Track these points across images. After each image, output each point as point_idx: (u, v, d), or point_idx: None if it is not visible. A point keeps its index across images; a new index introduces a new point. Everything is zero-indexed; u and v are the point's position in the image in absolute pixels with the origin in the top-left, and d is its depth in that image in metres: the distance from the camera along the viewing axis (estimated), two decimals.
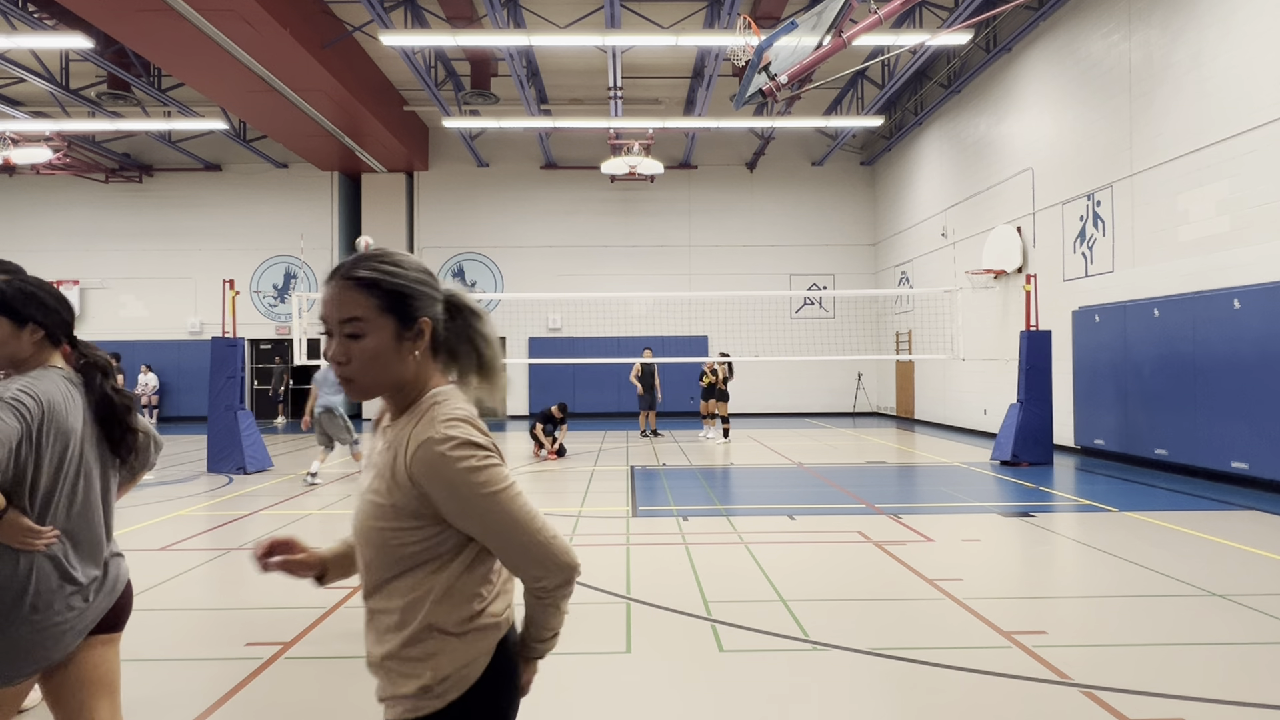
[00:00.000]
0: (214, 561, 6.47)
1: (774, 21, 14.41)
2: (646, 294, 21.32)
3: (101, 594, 2.30)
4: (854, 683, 3.94)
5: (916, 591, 5.42)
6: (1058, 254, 13.94)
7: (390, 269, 1.58)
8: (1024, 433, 11.86)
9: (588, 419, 21.52)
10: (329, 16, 15.27)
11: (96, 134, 20.49)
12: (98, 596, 2.29)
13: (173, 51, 13.86)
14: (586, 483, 10.57)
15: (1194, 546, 6.63)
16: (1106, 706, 3.57)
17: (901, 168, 21.55)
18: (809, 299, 23.69)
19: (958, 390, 18.05)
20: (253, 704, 3.73)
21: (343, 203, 23.49)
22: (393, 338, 1.56)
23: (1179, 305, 10.62)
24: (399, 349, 1.57)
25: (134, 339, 22.59)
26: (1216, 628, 4.64)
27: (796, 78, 8.06)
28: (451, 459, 1.49)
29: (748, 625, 4.72)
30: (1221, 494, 9.20)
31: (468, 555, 1.59)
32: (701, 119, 18.29)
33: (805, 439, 16.39)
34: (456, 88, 18.45)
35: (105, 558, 2.33)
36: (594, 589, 5.52)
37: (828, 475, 11.13)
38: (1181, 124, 10.81)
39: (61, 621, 2.19)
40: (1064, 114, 13.70)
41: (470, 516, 1.53)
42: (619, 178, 21.12)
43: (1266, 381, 9.11)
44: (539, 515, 1.56)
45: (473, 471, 1.50)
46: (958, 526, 7.54)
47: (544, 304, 23.15)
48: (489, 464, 1.52)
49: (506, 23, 14.03)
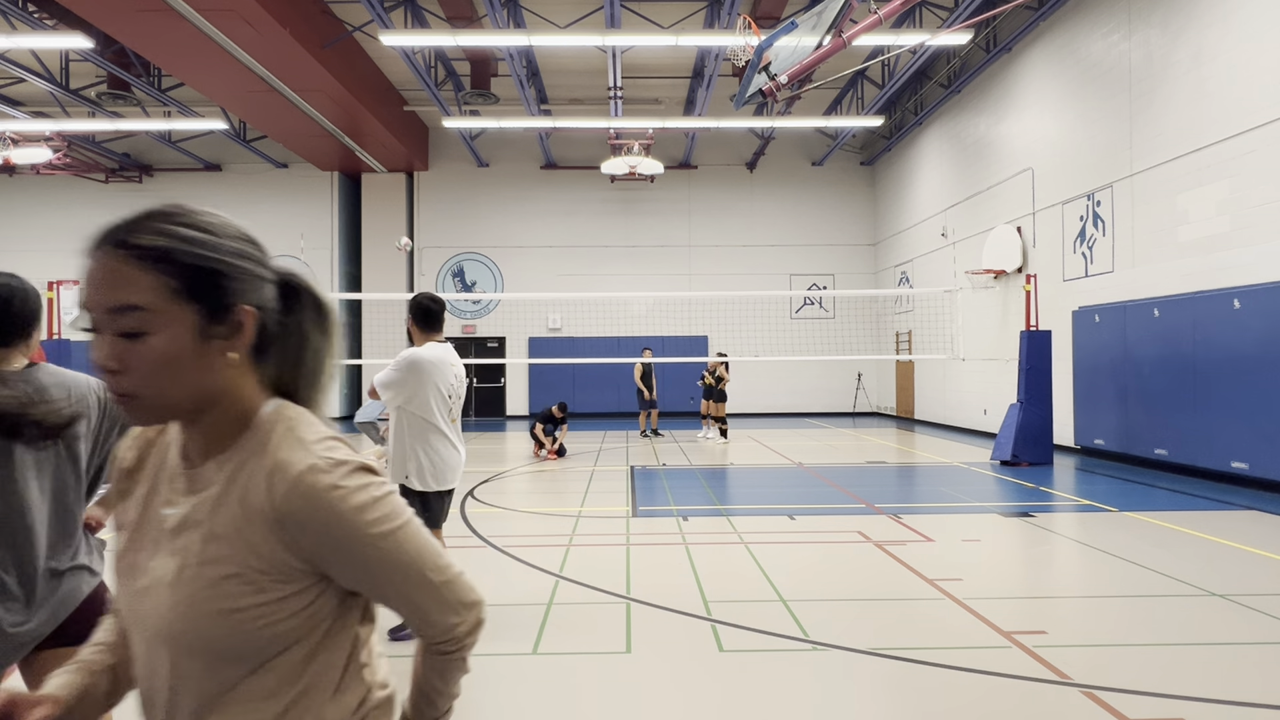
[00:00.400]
0: None
1: (774, 21, 14.41)
2: (646, 294, 21.33)
3: (37, 609, 2.14)
4: (854, 683, 3.94)
5: (916, 591, 5.42)
6: (1058, 254, 13.94)
7: (190, 233, 1.09)
8: (1024, 433, 11.86)
9: (588, 419, 21.52)
10: (329, 16, 15.27)
11: (96, 134, 20.49)
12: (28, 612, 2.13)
13: (173, 51, 13.86)
14: (586, 483, 10.57)
15: (1194, 546, 6.63)
16: (1106, 706, 3.57)
17: (901, 168, 21.54)
18: (809, 299, 23.69)
19: (958, 390, 18.05)
20: None
21: (343, 203, 23.49)
22: (194, 335, 1.08)
23: (1179, 305, 10.62)
24: (203, 351, 1.09)
25: None
26: (1216, 628, 4.64)
27: (796, 78, 8.05)
28: (345, 490, 1.09)
29: (748, 625, 4.72)
30: (1221, 494, 9.20)
31: (351, 617, 1.19)
32: (701, 119, 18.29)
33: (805, 439, 16.39)
34: (456, 88, 18.45)
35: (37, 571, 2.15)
36: (594, 589, 5.52)
37: (828, 475, 11.13)
38: (1181, 124, 10.81)
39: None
40: (1064, 114, 13.70)
41: (366, 563, 1.12)
42: (619, 178, 21.13)
43: (1266, 381, 9.11)
44: (441, 547, 1.21)
45: (373, 504, 1.11)
46: (958, 526, 7.54)
47: (544, 304, 23.15)
48: (386, 493, 1.14)
49: (506, 23, 14.03)
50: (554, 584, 5.67)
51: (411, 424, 4.47)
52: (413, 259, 23.62)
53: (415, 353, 4.51)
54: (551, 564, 6.22)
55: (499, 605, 5.25)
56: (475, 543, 7.06)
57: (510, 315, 23.34)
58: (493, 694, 3.83)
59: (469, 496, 9.45)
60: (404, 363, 4.46)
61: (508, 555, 6.54)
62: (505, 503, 9.14)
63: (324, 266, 23.10)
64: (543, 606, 5.15)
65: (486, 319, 23.48)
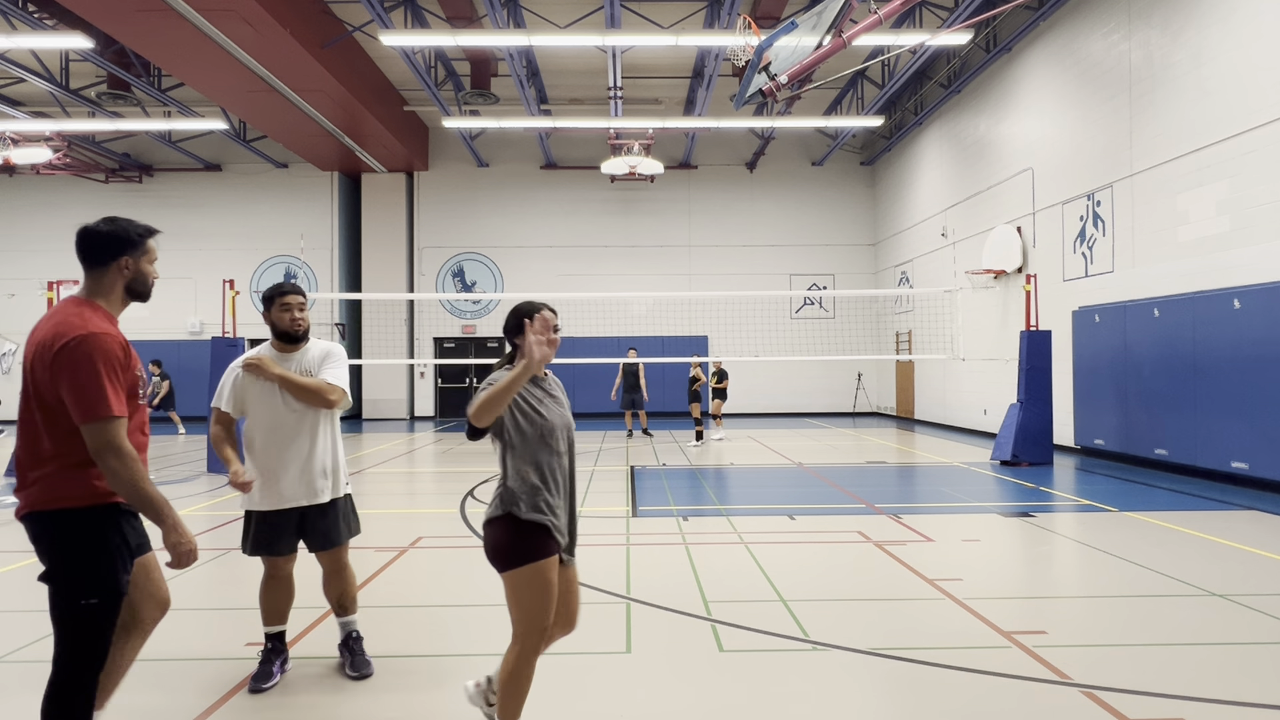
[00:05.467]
0: (214, 561, 6.47)
1: (774, 21, 14.41)
2: (646, 294, 21.32)
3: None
4: (854, 683, 3.94)
5: (916, 591, 5.42)
6: (1058, 254, 13.94)
7: None
8: (1024, 433, 11.86)
9: (588, 419, 21.51)
10: (329, 16, 15.27)
11: (96, 134, 20.49)
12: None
13: (173, 51, 13.86)
14: (586, 483, 10.57)
15: (1194, 546, 6.63)
16: (1106, 706, 3.57)
17: (901, 168, 21.54)
18: (809, 299, 23.69)
19: (958, 390, 18.05)
20: (253, 704, 3.73)
21: (343, 203, 23.49)
22: None
23: (1179, 305, 10.62)
24: None
25: (134, 339, 22.05)
26: (1216, 628, 4.64)
27: (796, 78, 8.05)
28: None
29: (748, 625, 4.72)
30: (1221, 494, 9.20)
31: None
32: (701, 119, 18.29)
33: (805, 439, 16.38)
34: (456, 88, 18.45)
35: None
36: (594, 589, 5.52)
37: (828, 475, 11.13)
38: (1181, 124, 10.81)
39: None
40: (1064, 114, 13.70)
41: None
42: (619, 178, 21.12)
43: (1266, 381, 9.11)
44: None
45: None
46: (958, 526, 7.54)
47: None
48: None
49: (506, 23, 14.03)
50: None
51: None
52: (413, 258, 23.63)
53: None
54: None
55: (499, 605, 5.25)
56: (475, 543, 7.06)
57: None
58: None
59: (469, 496, 9.45)
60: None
61: None
62: None
63: (324, 266, 23.10)
64: None
65: (486, 319, 23.48)
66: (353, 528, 4.17)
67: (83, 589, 2.67)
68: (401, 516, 8.42)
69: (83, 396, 2.59)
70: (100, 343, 2.63)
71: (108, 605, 2.72)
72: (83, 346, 2.60)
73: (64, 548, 2.69)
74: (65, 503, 2.68)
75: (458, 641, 4.61)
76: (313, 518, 3.99)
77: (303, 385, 3.90)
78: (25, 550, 6.95)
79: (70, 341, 2.61)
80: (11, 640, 4.60)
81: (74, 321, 2.66)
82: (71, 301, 2.78)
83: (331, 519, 4.04)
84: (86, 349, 2.61)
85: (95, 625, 2.70)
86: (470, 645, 4.51)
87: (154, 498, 2.68)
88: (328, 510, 4.03)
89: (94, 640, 2.71)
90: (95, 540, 2.70)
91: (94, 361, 2.60)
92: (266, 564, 3.99)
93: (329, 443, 4.04)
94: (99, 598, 2.69)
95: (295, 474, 3.92)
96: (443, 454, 14.48)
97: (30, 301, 22.29)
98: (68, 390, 2.60)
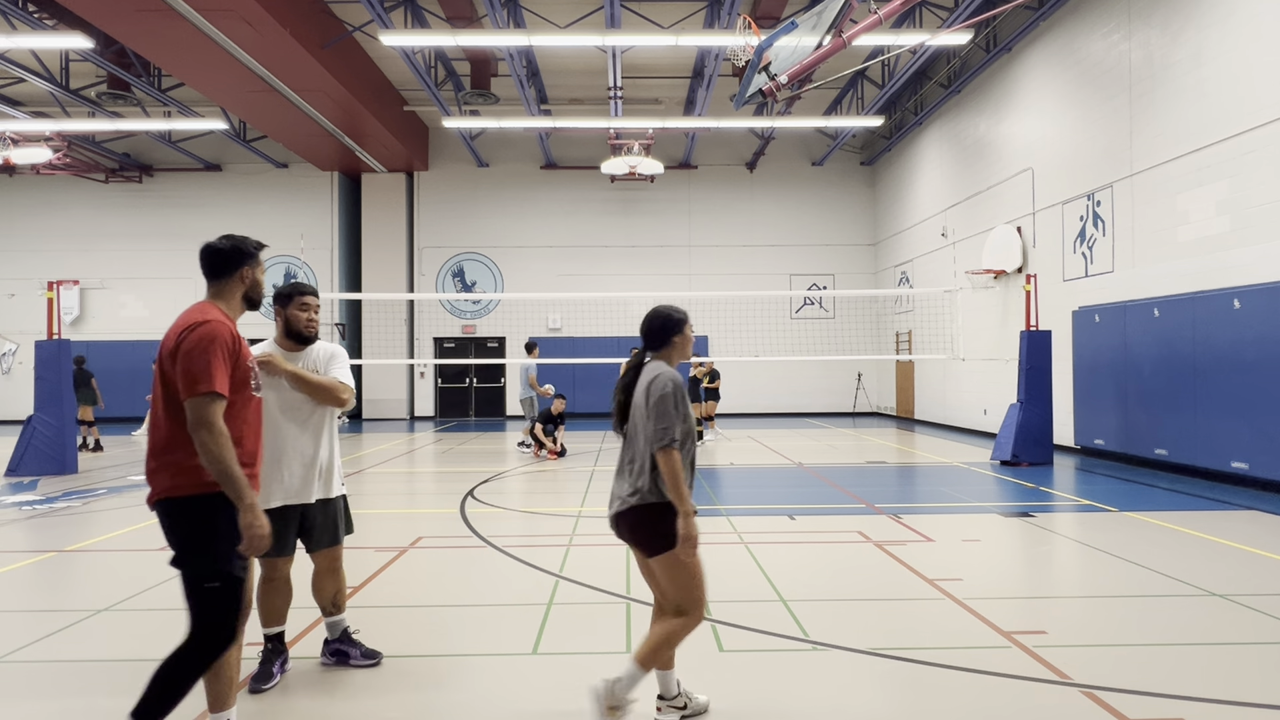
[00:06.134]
0: None
1: (774, 21, 14.41)
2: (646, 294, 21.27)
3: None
4: (854, 683, 3.94)
5: (916, 591, 5.42)
6: (1058, 254, 13.94)
7: None
8: (1024, 433, 11.86)
9: (588, 419, 21.52)
10: (329, 16, 15.27)
11: (96, 134, 20.49)
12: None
13: (173, 51, 13.86)
14: (587, 483, 10.57)
15: (1194, 546, 6.63)
16: (1106, 706, 3.57)
17: (901, 168, 21.54)
18: (809, 299, 23.70)
19: (958, 390, 18.05)
20: (253, 704, 3.73)
21: (343, 203, 23.49)
22: None
23: (1179, 305, 10.62)
24: None
25: (134, 339, 22.59)
26: (1216, 628, 4.64)
27: (796, 78, 8.05)
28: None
29: (748, 625, 4.72)
30: (1221, 494, 9.20)
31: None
32: (701, 119, 18.29)
33: (805, 439, 16.38)
34: (456, 88, 18.45)
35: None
36: (594, 589, 5.52)
37: (828, 475, 11.13)
38: (1181, 124, 10.81)
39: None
40: (1064, 114, 13.70)
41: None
42: (619, 178, 21.12)
43: (1266, 381, 9.11)
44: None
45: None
46: (958, 526, 7.54)
47: (544, 304, 23.15)
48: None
49: (506, 23, 14.03)
50: (554, 584, 5.67)
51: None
52: (413, 258, 23.63)
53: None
54: (551, 564, 6.22)
55: (499, 605, 5.26)
56: (475, 543, 7.06)
57: (510, 315, 23.34)
58: (493, 694, 3.84)
59: (469, 496, 9.45)
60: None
61: (508, 555, 6.54)
62: (505, 503, 9.14)
63: (324, 266, 23.10)
64: (543, 606, 5.15)
65: (486, 319, 23.48)
66: (350, 526, 4.23)
67: (204, 573, 2.90)
68: (401, 516, 8.42)
69: (190, 373, 2.84)
70: (214, 328, 2.92)
71: (228, 590, 2.91)
72: (198, 331, 2.90)
73: (184, 533, 2.93)
74: (185, 490, 2.91)
75: (458, 641, 4.61)
76: (313, 516, 4.01)
77: (316, 383, 3.90)
78: (25, 550, 6.98)
79: (188, 329, 2.91)
80: (11, 640, 4.60)
81: (195, 316, 2.97)
82: (195, 304, 3.09)
83: (332, 517, 4.07)
84: (201, 333, 2.90)
85: (220, 609, 2.90)
86: (470, 645, 4.51)
87: (237, 477, 2.85)
88: (328, 508, 4.06)
89: (219, 623, 2.90)
90: (209, 526, 2.91)
91: (205, 343, 2.87)
92: (265, 566, 3.97)
93: (329, 442, 4.07)
94: (220, 581, 2.90)
95: (299, 472, 3.93)
96: (443, 454, 14.48)
97: (30, 301, 22.29)
98: (181, 370, 2.87)
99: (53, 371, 11.87)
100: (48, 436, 11.72)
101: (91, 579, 6.08)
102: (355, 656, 4.14)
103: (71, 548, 7.02)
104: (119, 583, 5.81)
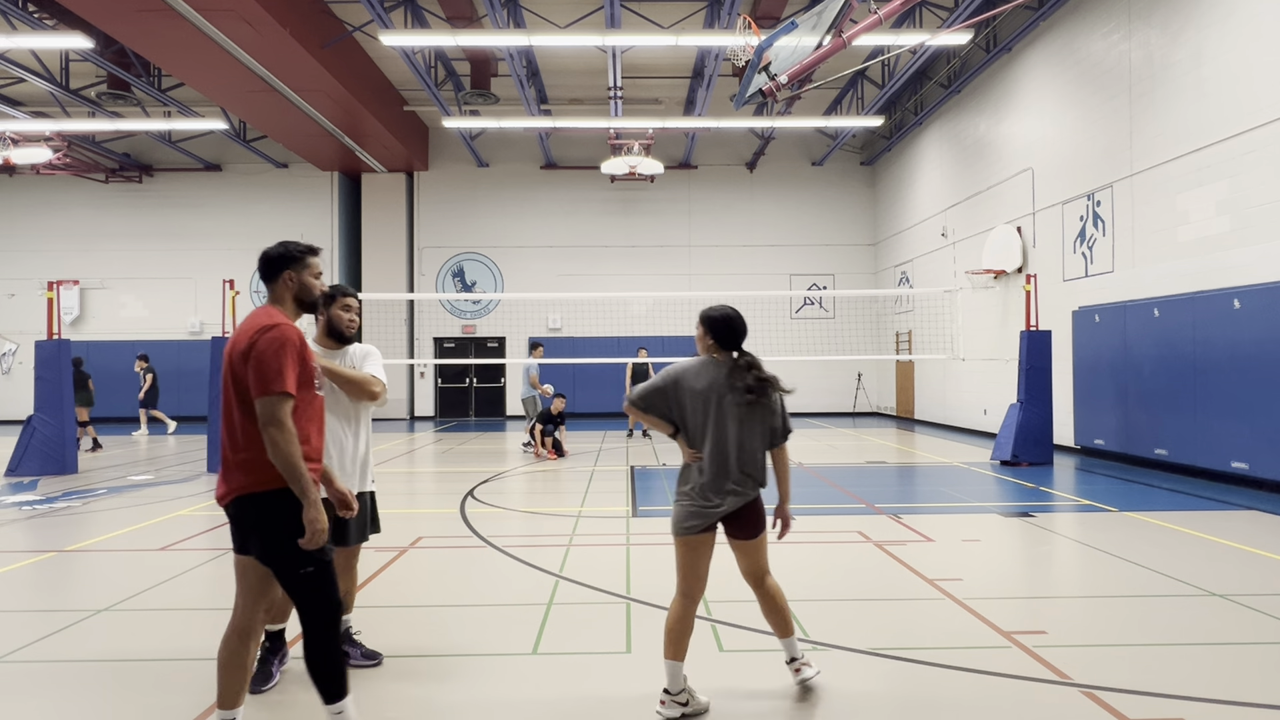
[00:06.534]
0: (214, 561, 6.47)
1: (774, 21, 14.41)
2: (646, 294, 21.33)
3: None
4: (854, 683, 3.94)
5: (916, 591, 5.42)
6: (1058, 254, 13.94)
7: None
8: (1024, 433, 11.86)
9: (588, 419, 21.52)
10: (329, 16, 15.27)
11: (96, 134, 20.49)
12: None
13: (173, 51, 13.86)
14: (586, 483, 10.57)
15: (1194, 546, 6.63)
16: (1106, 706, 3.57)
17: (901, 168, 21.55)
18: (809, 299, 23.70)
19: (958, 390, 18.05)
20: (253, 704, 3.73)
21: (343, 203, 23.49)
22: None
23: (1179, 305, 10.62)
24: None
25: (134, 339, 22.58)
26: (1216, 628, 4.64)
27: (796, 78, 8.05)
28: None
29: (748, 625, 4.72)
30: (1221, 494, 9.20)
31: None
32: (701, 119, 18.29)
33: (805, 439, 16.38)
34: (456, 88, 18.45)
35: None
36: (594, 589, 5.52)
37: (828, 475, 11.13)
38: (1181, 124, 10.81)
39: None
40: (1064, 114, 13.70)
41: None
42: (619, 178, 21.12)
43: (1266, 381, 9.11)
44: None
45: None
46: (958, 526, 7.54)
47: (544, 304, 23.15)
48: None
49: (506, 23, 14.03)
50: (554, 584, 5.67)
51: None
52: (413, 258, 23.63)
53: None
54: (551, 564, 6.22)
55: (499, 605, 5.26)
56: (475, 543, 7.06)
57: (510, 315, 23.33)
58: (493, 694, 3.84)
59: (469, 496, 9.45)
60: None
61: (508, 555, 6.54)
62: (505, 503, 9.14)
63: (324, 266, 22.83)
64: (543, 606, 5.15)
65: (486, 319, 23.49)
66: (376, 526, 4.30)
67: (298, 560, 3.07)
68: (401, 516, 8.42)
69: (262, 374, 3.01)
70: (285, 331, 3.10)
71: (321, 569, 3.11)
72: (269, 334, 3.06)
73: (272, 526, 3.08)
74: (265, 485, 3.06)
75: (458, 641, 4.61)
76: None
77: (351, 378, 4.00)
78: (25, 550, 6.98)
79: (259, 333, 3.07)
80: (11, 640, 4.60)
81: (263, 320, 3.14)
82: (259, 309, 3.25)
83: (362, 513, 4.13)
84: (271, 336, 3.06)
85: (319, 588, 3.10)
86: (471, 645, 4.51)
87: (303, 474, 3.02)
88: (360, 502, 4.11)
89: (324, 599, 3.12)
90: (294, 518, 3.05)
91: (276, 346, 3.04)
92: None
93: (366, 435, 4.18)
94: (313, 565, 3.08)
95: (337, 463, 4.01)
96: (443, 454, 14.48)
97: (30, 301, 22.29)
98: (253, 371, 3.02)
99: (53, 371, 11.88)
100: (48, 436, 11.73)
101: (91, 579, 6.08)
102: (355, 657, 4.15)
103: (71, 548, 7.02)
104: (119, 583, 5.81)
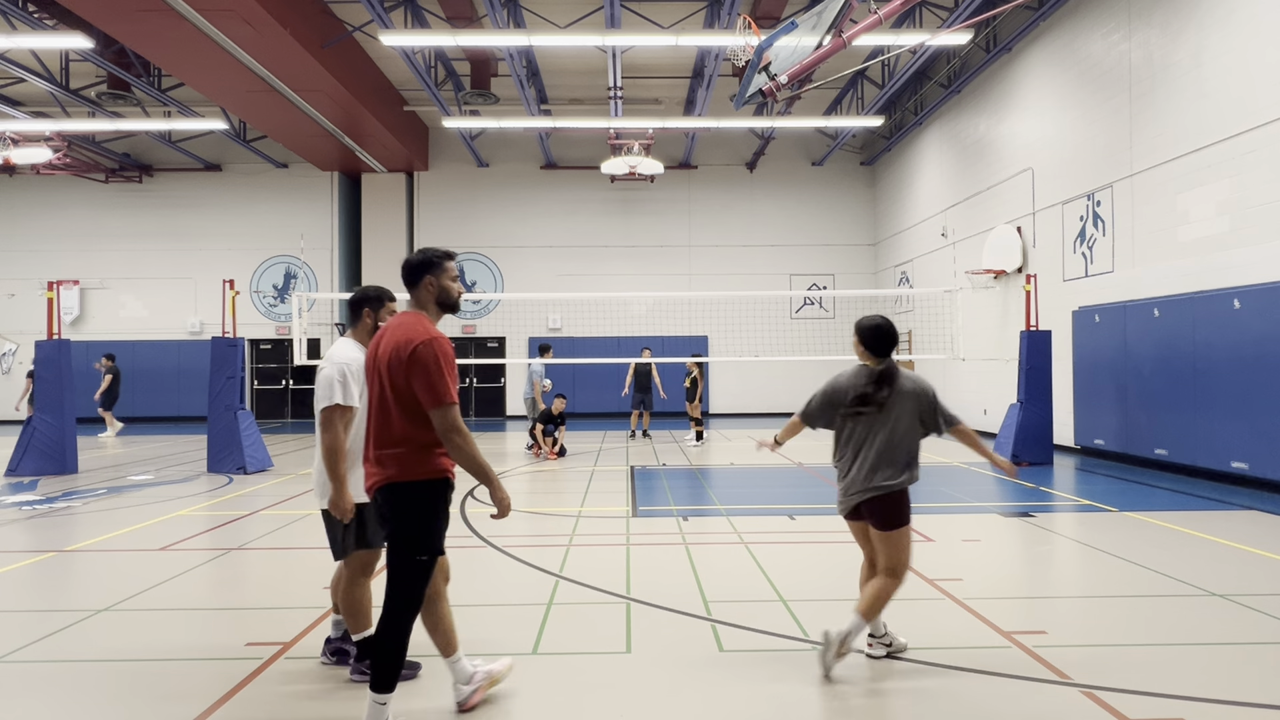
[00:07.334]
0: (214, 561, 6.47)
1: (774, 21, 14.41)
2: (646, 294, 21.32)
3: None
4: (854, 682, 3.94)
5: (916, 591, 5.42)
6: (1058, 254, 13.94)
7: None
8: (1024, 433, 11.87)
9: (588, 419, 21.52)
10: (329, 16, 15.26)
11: (96, 134, 20.48)
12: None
13: (173, 51, 13.85)
14: (586, 483, 10.57)
15: (1194, 546, 6.63)
16: (1106, 706, 3.57)
17: (901, 168, 21.54)
18: (809, 299, 23.69)
19: (958, 390, 18.05)
20: (253, 704, 3.73)
21: (343, 203, 23.49)
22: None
23: (1179, 305, 10.62)
24: None
25: (134, 339, 22.59)
26: (1216, 628, 4.64)
27: (796, 78, 8.05)
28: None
29: (748, 625, 4.72)
30: (1221, 494, 9.20)
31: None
32: (701, 119, 18.29)
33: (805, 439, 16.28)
34: (456, 88, 18.45)
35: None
36: (594, 589, 5.53)
37: (828, 475, 11.13)
38: (1181, 124, 10.81)
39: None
40: (1064, 114, 13.70)
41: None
42: (619, 178, 21.12)
43: (1266, 381, 9.11)
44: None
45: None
46: (958, 526, 7.54)
47: (544, 304, 23.15)
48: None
49: (506, 23, 14.03)
50: (554, 584, 5.67)
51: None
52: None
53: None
54: (551, 564, 6.22)
55: (499, 605, 5.26)
56: (475, 543, 7.06)
57: (510, 315, 23.33)
58: (493, 694, 3.83)
59: (469, 496, 9.45)
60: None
61: (508, 555, 6.54)
62: None
63: (324, 266, 23.10)
64: (543, 606, 5.15)
65: (486, 319, 23.48)
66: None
67: (419, 548, 3.32)
68: None
69: (432, 388, 3.26)
70: (441, 345, 3.32)
71: (432, 563, 3.36)
72: (429, 347, 3.28)
73: (411, 513, 3.33)
74: (415, 475, 3.32)
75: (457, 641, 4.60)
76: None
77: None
78: (25, 550, 6.98)
79: (420, 345, 3.28)
80: (11, 640, 4.60)
81: (419, 329, 3.35)
82: (408, 315, 3.46)
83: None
84: (432, 349, 3.28)
85: (420, 578, 3.34)
86: (470, 645, 4.51)
87: (486, 466, 3.32)
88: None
89: (417, 591, 3.36)
90: (432, 507, 3.36)
91: (438, 360, 3.28)
92: (361, 560, 4.00)
93: None
94: (428, 555, 3.34)
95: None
96: None
97: (30, 301, 22.29)
98: (420, 384, 3.26)
99: (53, 371, 11.88)
100: (48, 436, 11.73)
101: (91, 579, 6.08)
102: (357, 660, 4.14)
103: (71, 548, 7.02)
104: (119, 583, 5.81)
